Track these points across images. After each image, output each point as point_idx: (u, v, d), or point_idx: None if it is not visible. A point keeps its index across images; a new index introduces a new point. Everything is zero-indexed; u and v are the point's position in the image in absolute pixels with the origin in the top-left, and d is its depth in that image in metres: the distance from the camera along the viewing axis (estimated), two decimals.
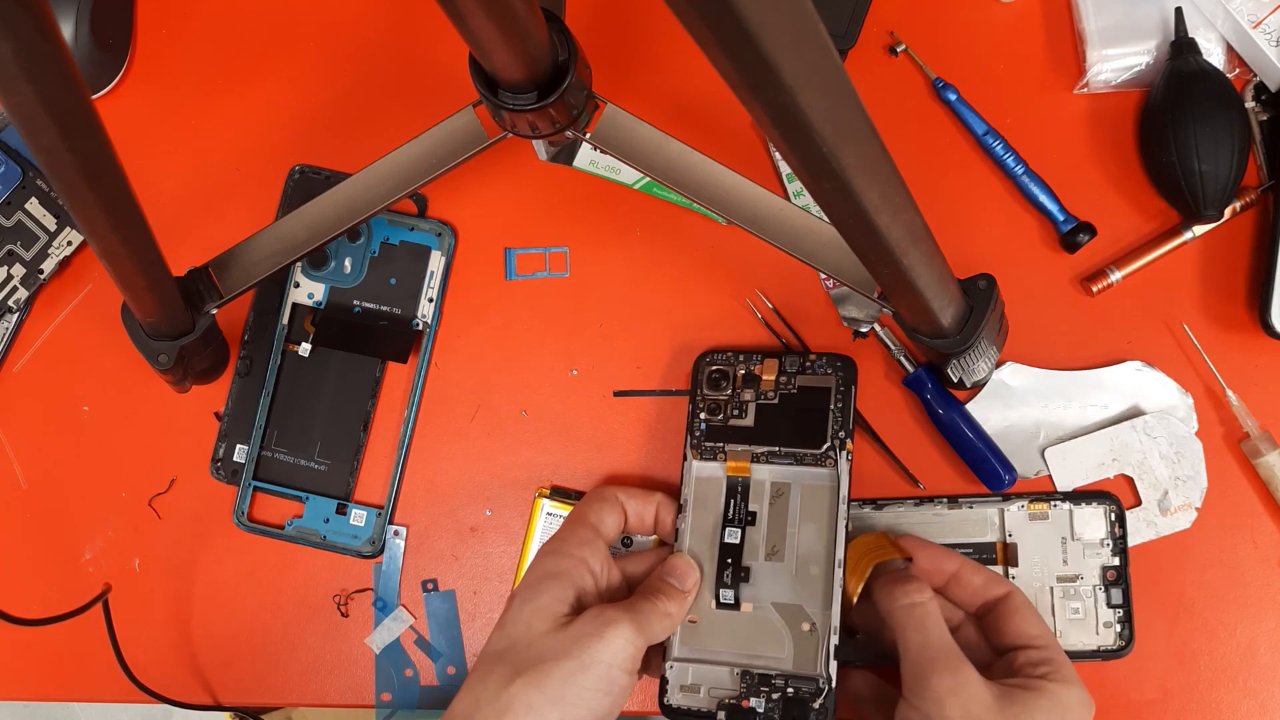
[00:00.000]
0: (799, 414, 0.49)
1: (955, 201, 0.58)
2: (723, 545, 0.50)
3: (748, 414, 0.50)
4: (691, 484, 0.50)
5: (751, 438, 0.49)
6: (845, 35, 0.56)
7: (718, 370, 0.51)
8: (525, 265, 0.60)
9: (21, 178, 0.59)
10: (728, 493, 0.49)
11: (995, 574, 0.49)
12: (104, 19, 0.60)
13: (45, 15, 0.30)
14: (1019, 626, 0.46)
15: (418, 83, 0.61)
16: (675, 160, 0.49)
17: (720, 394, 0.50)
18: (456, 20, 0.35)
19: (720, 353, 0.52)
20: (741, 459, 0.49)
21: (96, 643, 0.57)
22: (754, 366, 0.51)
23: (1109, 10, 0.57)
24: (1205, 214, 0.54)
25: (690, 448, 0.50)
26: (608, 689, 0.42)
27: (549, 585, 0.45)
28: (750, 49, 0.25)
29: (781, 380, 0.50)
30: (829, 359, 0.50)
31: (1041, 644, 0.46)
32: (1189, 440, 0.55)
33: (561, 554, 0.47)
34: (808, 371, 0.50)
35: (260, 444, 0.59)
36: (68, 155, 0.36)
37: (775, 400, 0.50)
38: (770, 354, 0.51)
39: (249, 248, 0.52)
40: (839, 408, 0.49)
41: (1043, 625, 0.47)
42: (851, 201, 0.35)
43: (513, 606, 0.46)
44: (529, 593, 0.45)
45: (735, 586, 0.49)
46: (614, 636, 0.43)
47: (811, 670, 0.45)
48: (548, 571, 0.46)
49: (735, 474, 0.49)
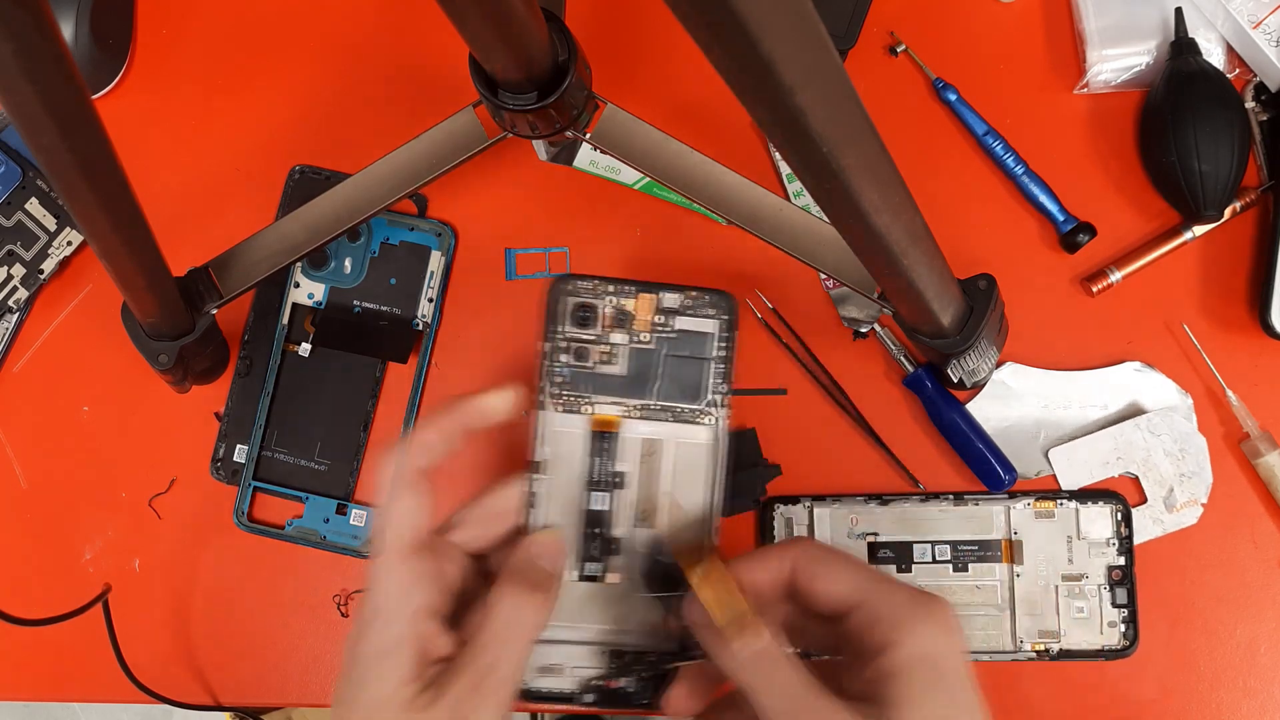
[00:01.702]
0: (677, 361, 0.42)
1: (955, 202, 0.58)
2: (588, 513, 0.43)
3: (619, 359, 0.42)
4: (543, 439, 0.42)
5: (623, 388, 0.42)
6: (845, 35, 0.56)
7: (583, 305, 0.42)
8: (525, 265, 0.60)
9: (21, 178, 0.59)
10: (592, 450, 0.43)
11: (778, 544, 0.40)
12: (104, 19, 0.60)
13: (45, 15, 0.30)
14: (825, 589, 0.37)
15: (418, 83, 0.61)
16: (675, 160, 0.49)
17: (586, 333, 0.42)
18: (456, 20, 0.35)
19: (584, 279, 0.42)
20: (611, 412, 0.43)
21: (96, 643, 0.56)
22: (625, 302, 0.42)
23: (1109, 10, 0.57)
24: (1205, 214, 0.54)
25: (550, 397, 0.42)
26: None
27: (384, 666, 0.36)
28: (750, 49, 0.25)
29: (658, 320, 0.43)
30: (712, 297, 0.43)
31: (857, 597, 0.36)
32: (1193, 436, 0.55)
33: (384, 624, 0.36)
34: (687, 312, 0.43)
35: (260, 444, 0.59)
36: (68, 155, 0.36)
37: (650, 344, 0.42)
38: (645, 286, 0.43)
39: (249, 248, 0.52)
40: (720, 356, 0.42)
41: (850, 570, 0.37)
42: (851, 201, 0.35)
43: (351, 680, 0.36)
44: (362, 674, 0.36)
45: (604, 559, 0.43)
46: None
47: (689, 644, 0.40)
48: (377, 650, 0.36)
49: (602, 429, 0.42)
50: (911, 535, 0.55)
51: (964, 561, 0.55)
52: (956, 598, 0.55)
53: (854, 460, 0.57)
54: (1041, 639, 0.54)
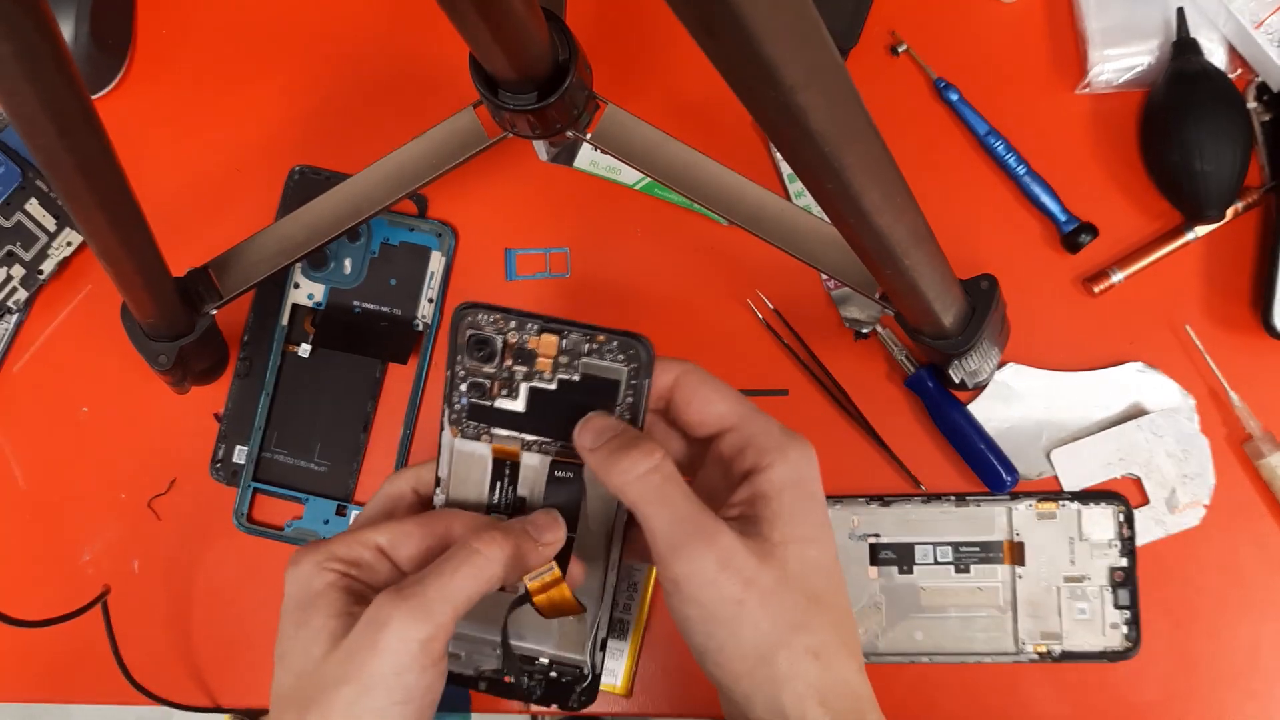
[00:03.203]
0: (580, 407, 0.40)
1: (957, 202, 0.58)
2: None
3: (518, 395, 0.41)
4: (449, 460, 0.42)
5: (522, 424, 0.41)
6: (846, 35, 0.56)
7: (481, 338, 0.40)
8: (526, 266, 0.60)
9: (21, 178, 0.59)
10: (493, 474, 0.42)
11: (666, 359, 0.39)
12: (104, 19, 0.60)
13: (45, 15, 0.30)
14: (700, 410, 0.38)
15: (418, 83, 0.61)
16: (676, 160, 0.48)
17: (486, 367, 0.41)
18: (456, 20, 0.35)
19: (486, 310, 0.40)
20: (510, 444, 0.42)
21: (96, 644, 0.56)
22: (527, 339, 0.40)
23: (1111, 10, 0.57)
24: (1207, 214, 0.54)
25: (449, 421, 0.42)
26: (405, 697, 0.35)
27: (317, 604, 0.37)
28: (750, 49, 0.25)
29: (562, 361, 0.40)
30: (622, 342, 0.40)
31: (730, 421, 0.38)
32: (1195, 437, 0.55)
33: (324, 568, 0.38)
34: (592, 355, 0.40)
35: (260, 445, 0.59)
36: (67, 155, 0.36)
37: (552, 385, 0.41)
38: (549, 325, 0.40)
39: (249, 248, 0.52)
40: (628, 403, 0.40)
41: (727, 397, 0.38)
42: (853, 202, 0.34)
43: (284, 633, 0.38)
44: (299, 615, 0.37)
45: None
46: (388, 641, 0.35)
47: (578, 655, 0.42)
48: (313, 590, 0.37)
49: (502, 456, 0.42)
50: (913, 536, 0.55)
51: (966, 563, 0.55)
52: (958, 599, 0.55)
53: (855, 461, 0.57)
54: (1044, 641, 0.54)
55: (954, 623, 0.54)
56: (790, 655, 0.34)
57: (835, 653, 0.35)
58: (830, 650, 0.35)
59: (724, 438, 0.38)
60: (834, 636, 0.35)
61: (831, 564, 0.37)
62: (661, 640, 0.56)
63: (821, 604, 0.36)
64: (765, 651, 0.34)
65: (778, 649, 0.34)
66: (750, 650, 0.35)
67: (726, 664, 0.35)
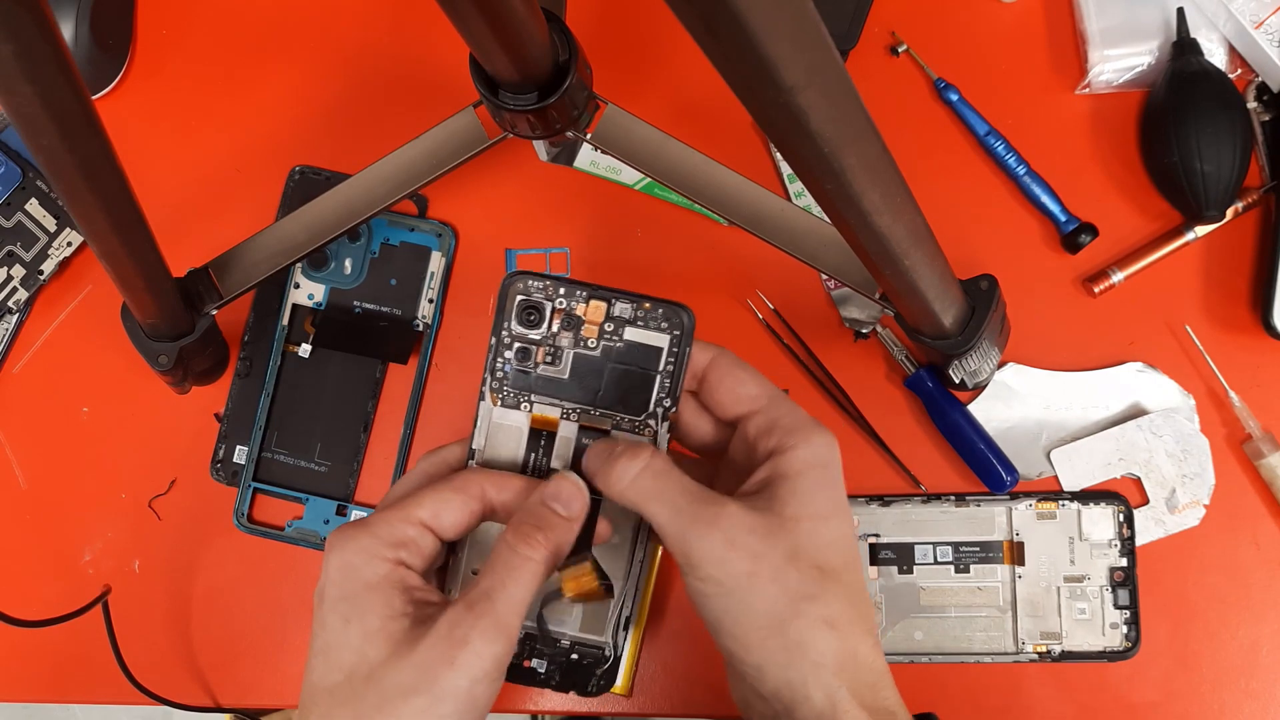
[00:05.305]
0: (622, 373, 0.42)
1: (957, 202, 0.58)
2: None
3: (563, 363, 0.42)
4: (486, 429, 0.43)
5: (564, 392, 0.42)
6: (846, 35, 0.56)
7: (531, 304, 0.42)
8: (526, 266, 0.60)
9: (21, 178, 0.59)
10: (529, 445, 0.43)
11: (702, 342, 0.41)
12: (104, 19, 0.60)
13: (45, 15, 0.30)
14: (731, 390, 0.40)
15: (418, 83, 0.61)
16: (676, 160, 0.49)
17: (533, 333, 0.42)
18: (456, 20, 0.35)
19: (536, 278, 0.42)
20: (550, 413, 0.43)
21: (96, 644, 0.56)
22: (576, 305, 0.42)
23: (1111, 11, 0.57)
24: (1207, 214, 0.54)
25: (490, 390, 0.42)
26: (474, 706, 0.36)
27: (372, 600, 0.36)
28: (750, 49, 0.25)
29: (607, 328, 0.42)
30: (667, 309, 0.42)
31: (759, 404, 0.39)
32: (1195, 437, 0.55)
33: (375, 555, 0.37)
34: (638, 323, 0.42)
35: (260, 445, 0.59)
36: (68, 155, 0.36)
37: (597, 351, 0.42)
38: (597, 292, 0.42)
39: (249, 248, 0.52)
40: (669, 370, 0.41)
41: (758, 381, 0.40)
42: (852, 202, 0.34)
43: (331, 626, 0.37)
44: (349, 609, 0.36)
45: None
46: (467, 659, 0.35)
47: (600, 636, 0.42)
48: (364, 582, 0.37)
49: (540, 426, 0.43)
50: (913, 536, 0.55)
51: (966, 563, 0.55)
52: (958, 599, 0.55)
53: (855, 461, 0.57)
54: (1043, 640, 0.54)
55: (954, 623, 0.55)
56: (802, 625, 0.35)
57: (850, 624, 0.35)
58: (844, 621, 0.35)
59: (751, 419, 0.39)
60: (848, 609, 0.36)
61: (847, 541, 0.37)
62: (661, 640, 0.56)
63: (835, 578, 0.36)
64: (777, 621, 0.35)
65: (790, 619, 0.35)
66: (763, 620, 0.35)
67: (740, 635, 0.35)
